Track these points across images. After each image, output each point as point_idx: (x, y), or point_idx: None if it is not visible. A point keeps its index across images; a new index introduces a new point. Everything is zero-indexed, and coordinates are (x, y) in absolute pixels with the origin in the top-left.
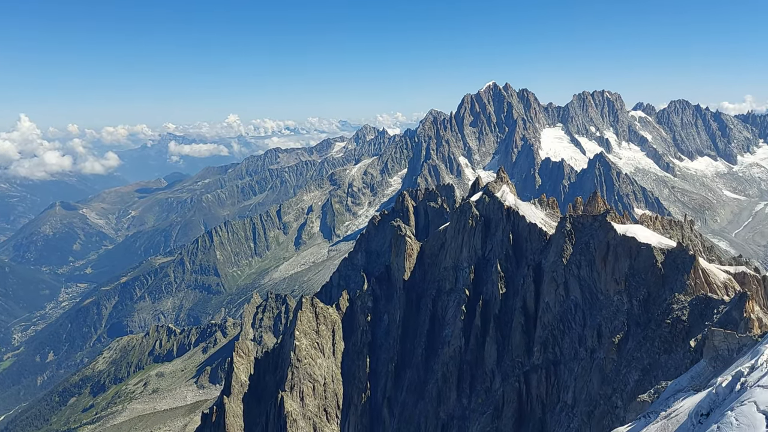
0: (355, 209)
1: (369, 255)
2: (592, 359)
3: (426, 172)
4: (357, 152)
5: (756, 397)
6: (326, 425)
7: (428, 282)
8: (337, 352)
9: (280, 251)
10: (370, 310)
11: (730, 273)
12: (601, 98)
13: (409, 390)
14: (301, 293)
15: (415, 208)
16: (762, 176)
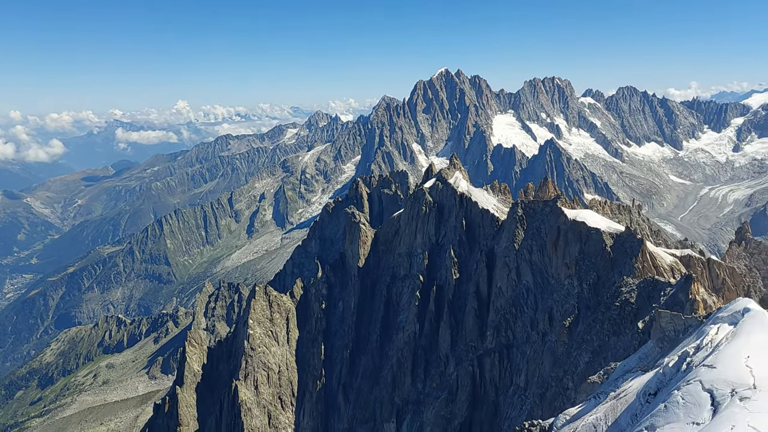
0: (309, 196)
1: (323, 242)
2: (543, 342)
3: (380, 158)
4: (310, 139)
5: (701, 376)
6: (281, 413)
7: (383, 268)
8: (292, 339)
9: (232, 239)
10: (324, 298)
11: (677, 256)
12: (551, 85)
13: (364, 376)
14: (255, 281)
15: (369, 195)
16: (706, 161)
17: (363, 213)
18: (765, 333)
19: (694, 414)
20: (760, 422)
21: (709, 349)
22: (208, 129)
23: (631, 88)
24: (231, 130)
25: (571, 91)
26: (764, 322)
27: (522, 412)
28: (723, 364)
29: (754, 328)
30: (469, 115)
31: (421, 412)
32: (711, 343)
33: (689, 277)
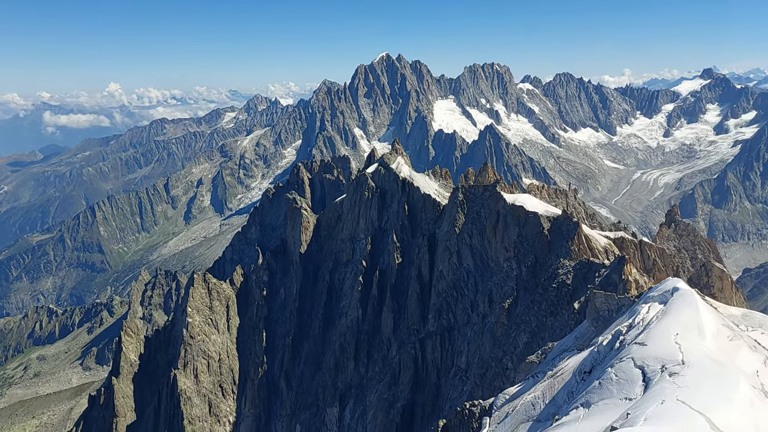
0: (248, 182)
1: (263, 228)
2: (483, 324)
3: (321, 143)
4: (248, 123)
5: (633, 353)
6: (222, 401)
7: (325, 254)
8: (232, 327)
9: (168, 226)
10: (265, 285)
11: (610, 238)
12: (491, 71)
13: (307, 362)
14: (193, 269)
15: (311, 180)
16: (639, 146)
17: (304, 198)
18: (693, 311)
19: (627, 390)
20: (688, 396)
21: (640, 327)
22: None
23: (567, 75)
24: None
25: (510, 77)
26: (692, 301)
27: (463, 393)
28: (654, 341)
29: (682, 307)
30: (410, 100)
31: (364, 396)
32: (642, 322)
33: (622, 258)
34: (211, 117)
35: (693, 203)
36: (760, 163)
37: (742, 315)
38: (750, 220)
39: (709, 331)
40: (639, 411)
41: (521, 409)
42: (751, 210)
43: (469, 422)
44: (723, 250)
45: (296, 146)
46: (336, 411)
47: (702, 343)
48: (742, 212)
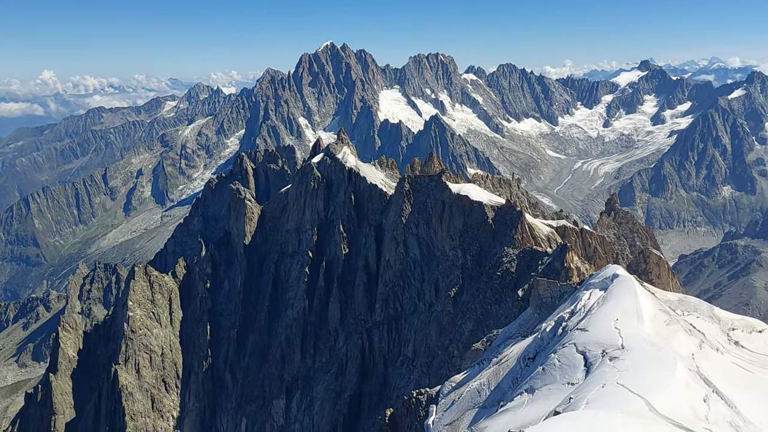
0: (190, 172)
1: (206, 220)
2: (430, 312)
3: (265, 132)
4: (190, 112)
5: (575, 339)
6: (165, 396)
7: (270, 245)
8: (175, 321)
9: (107, 218)
10: (209, 277)
11: (553, 227)
12: (435, 61)
13: (253, 354)
14: (134, 262)
15: (255, 171)
16: (580, 136)
17: (248, 189)
18: (632, 297)
19: (569, 375)
20: (628, 380)
21: (582, 313)
22: (78, 101)
23: (510, 66)
24: (104, 103)
25: (455, 67)
26: (631, 287)
27: (410, 382)
28: (595, 327)
29: (622, 293)
30: (355, 89)
31: (310, 388)
32: (584, 308)
33: (564, 246)
34: (151, 106)
35: (631, 192)
36: (695, 152)
37: (678, 300)
38: (685, 207)
39: (647, 316)
40: (581, 395)
41: (467, 396)
42: (686, 198)
43: (416, 410)
44: (660, 237)
45: (239, 136)
46: (282, 403)
47: (641, 328)
48: (678, 200)
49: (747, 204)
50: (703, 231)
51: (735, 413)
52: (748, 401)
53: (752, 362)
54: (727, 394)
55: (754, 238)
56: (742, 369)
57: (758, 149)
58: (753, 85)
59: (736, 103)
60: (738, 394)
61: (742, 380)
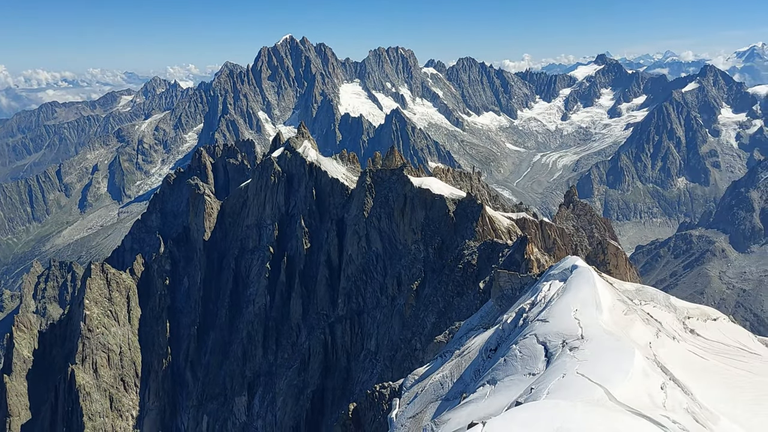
0: (147, 167)
1: (165, 216)
2: (393, 306)
3: (224, 127)
4: (146, 106)
5: (536, 330)
6: (124, 395)
7: (230, 241)
8: (134, 319)
9: (62, 215)
10: (168, 274)
11: (513, 219)
12: (395, 55)
13: (213, 351)
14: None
15: (214, 165)
16: (539, 130)
17: (207, 184)
18: (590, 287)
19: (531, 366)
20: (587, 369)
21: (542, 304)
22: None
23: (470, 59)
24: (57, 97)
25: (415, 61)
26: (590, 278)
27: (373, 376)
28: (555, 317)
29: (581, 284)
30: (315, 83)
31: (273, 384)
32: (544, 299)
33: (524, 238)
34: (106, 100)
35: (589, 184)
36: (650, 145)
37: (635, 290)
38: (642, 199)
39: (606, 306)
40: (542, 385)
41: (430, 389)
42: (642, 190)
43: (380, 404)
44: (617, 228)
45: (198, 130)
46: (245, 400)
47: (599, 318)
48: (635, 192)
49: (701, 195)
50: (658, 222)
51: (691, 400)
52: (703, 388)
53: (707, 350)
54: (684, 382)
55: (708, 229)
56: (698, 356)
57: (711, 141)
58: (706, 78)
59: (690, 96)
60: (694, 381)
61: (698, 367)
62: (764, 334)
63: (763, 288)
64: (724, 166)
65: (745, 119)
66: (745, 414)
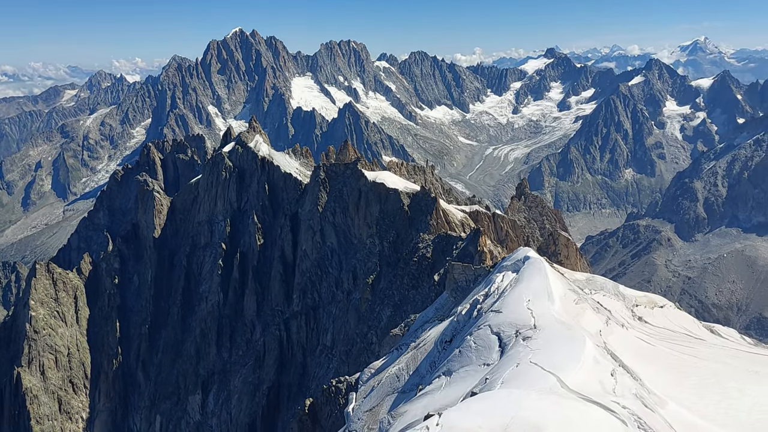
0: (93, 164)
1: (112, 213)
2: (348, 301)
3: (173, 122)
4: (91, 101)
5: (490, 320)
6: (73, 397)
7: (181, 238)
8: (82, 319)
9: (4, 214)
10: (117, 272)
11: (466, 212)
12: (347, 48)
13: (166, 350)
14: (34, 259)
15: (163, 161)
16: (490, 123)
17: (157, 180)
18: (542, 278)
19: (485, 356)
20: (540, 358)
21: (496, 295)
22: None
23: (422, 53)
24: None
25: (367, 54)
26: (541, 268)
27: (329, 371)
28: (508, 308)
29: (533, 274)
30: (266, 77)
31: (228, 381)
32: (497, 290)
33: (477, 230)
34: (49, 95)
35: (540, 176)
36: (599, 137)
37: (586, 279)
38: (591, 191)
39: (557, 296)
40: (496, 375)
41: (386, 382)
42: (591, 181)
43: (336, 399)
44: (568, 219)
45: (146, 125)
46: (199, 398)
47: (551, 308)
48: (584, 184)
49: (647, 186)
50: (607, 213)
51: (640, 385)
52: (651, 373)
53: (654, 336)
54: (632, 368)
55: (654, 218)
56: (646, 343)
57: (657, 133)
58: (651, 72)
59: (636, 90)
60: (642, 367)
61: (646, 353)
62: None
63: (707, 275)
64: (669, 157)
65: (688, 111)
66: (690, 398)
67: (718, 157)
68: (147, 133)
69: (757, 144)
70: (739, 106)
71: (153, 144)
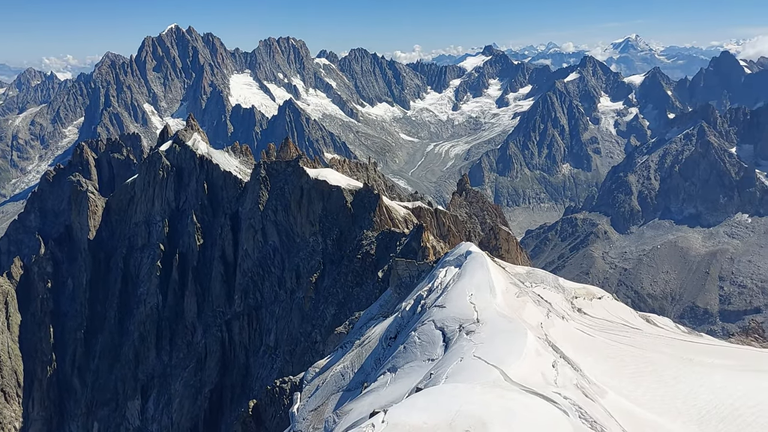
0: (23, 164)
1: (44, 215)
2: (292, 300)
3: (107, 120)
4: (20, 100)
5: (434, 316)
6: (5, 407)
7: (117, 239)
8: (13, 325)
9: None
10: (50, 276)
11: (409, 208)
12: (286, 45)
13: (103, 356)
14: None
15: (97, 161)
16: (431, 120)
17: (91, 180)
18: (484, 272)
19: (429, 351)
20: (484, 352)
21: (439, 290)
22: None
23: (362, 50)
24: None
25: (307, 51)
26: (483, 263)
27: (273, 371)
28: (451, 303)
29: (475, 269)
30: (204, 74)
31: (168, 385)
32: (441, 285)
33: (420, 226)
34: None
35: (481, 172)
36: (537, 133)
37: (526, 273)
38: (530, 185)
39: (499, 290)
40: (441, 370)
41: (331, 381)
42: (530, 176)
43: (280, 399)
44: (508, 214)
45: (78, 124)
46: (138, 404)
47: (493, 301)
48: (523, 179)
49: (584, 180)
50: (546, 207)
51: (580, 376)
52: (591, 364)
53: (593, 327)
54: (573, 359)
55: (591, 212)
56: (585, 334)
57: (592, 128)
58: (585, 68)
59: (572, 86)
60: (582, 358)
61: (586, 344)
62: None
63: (643, 266)
64: (604, 152)
65: (622, 107)
66: (628, 386)
67: (650, 151)
68: (80, 132)
69: (687, 138)
70: (670, 102)
71: (86, 143)
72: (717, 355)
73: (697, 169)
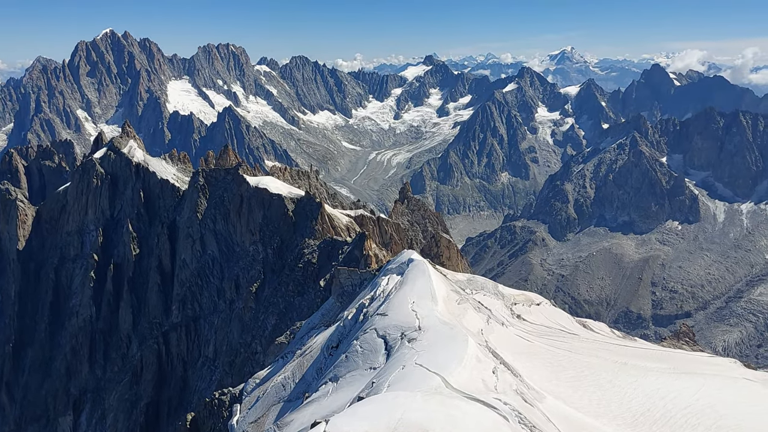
0: None
1: None
2: (231, 310)
3: (37, 126)
4: None
5: (376, 324)
6: None
7: (48, 250)
8: None
9: None
10: None
11: (351, 216)
12: (226, 51)
13: (33, 370)
14: None
15: (27, 168)
16: (373, 128)
17: (20, 189)
18: (426, 279)
19: (371, 360)
20: (425, 359)
21: (381, 299)
22: None
23: (303, 58)
24: None
25: (247, 58)
26: (425, 270)
27: (212, 383)
28: (393, 311)
29: (417, 276)
30: (140, 80)
31: (102, 399)
32: (383, 293)
33: (363, 234)
34: None
35: (422, 180)
36: (476, 142)
37: (467, 280)
38: (470, 194)
39: (440, 297)
40: (383, 378)
41: (272, 392)
42: (470, 185)
43: (219, 411)
44: (449, 221)
45: (7, 131)
46: (70, 419)
47: (435, 309)
48: (463, 187)
49: (522, 188)
50: (485, 215)
51: (520, 381)
52: (529, 369)
53: (532, 333)
54: (513, 364)
55: (530, 220)
56: (524, 340)
57: (530, 138)
58: (523, 79)
59: (510, 96)
60: (521, 363)
61: (525, 350)
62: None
63: (579, 273)
64: (541, 161)
65: (558, 117)
66: (566, 391)
67: (585, 160)
68: (9, 138)
69: (620, 148)
70: (604, 113)
71: (15, 150)
72: (650, 358)
73: (630, 178)
